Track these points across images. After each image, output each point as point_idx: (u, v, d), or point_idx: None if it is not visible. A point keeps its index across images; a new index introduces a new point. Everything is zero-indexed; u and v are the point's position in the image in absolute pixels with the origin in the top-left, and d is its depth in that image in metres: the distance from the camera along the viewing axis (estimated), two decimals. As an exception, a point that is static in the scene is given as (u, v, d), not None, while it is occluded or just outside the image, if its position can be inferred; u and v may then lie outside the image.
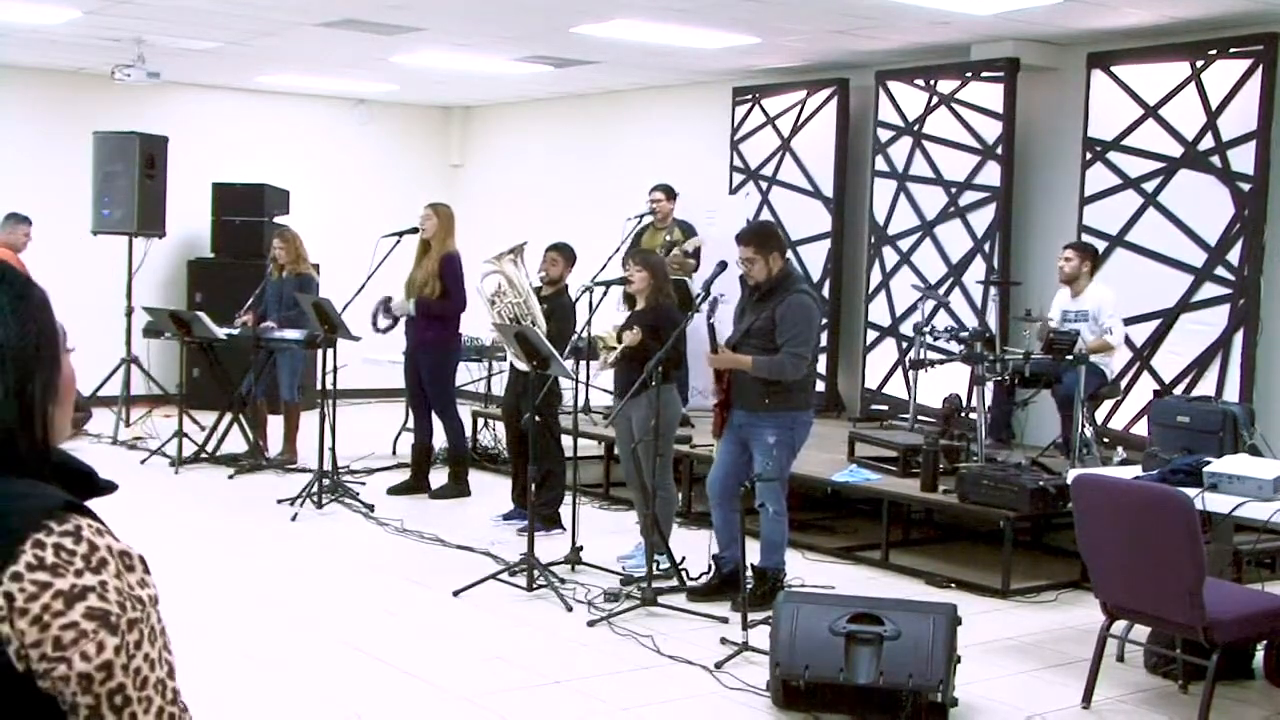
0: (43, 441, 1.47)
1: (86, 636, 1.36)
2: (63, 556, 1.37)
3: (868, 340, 10.41)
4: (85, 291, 11.79)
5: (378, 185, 14.17)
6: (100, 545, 1.40)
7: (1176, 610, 4.82)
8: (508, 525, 8.02)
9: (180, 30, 9.99)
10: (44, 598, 1.36)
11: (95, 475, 1.51)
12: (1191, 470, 5.31)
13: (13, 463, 1.43)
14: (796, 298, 6.24)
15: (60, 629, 1.36)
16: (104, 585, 1.38)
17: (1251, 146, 8.16)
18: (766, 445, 6.26)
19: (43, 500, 1.40)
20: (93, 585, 1.38)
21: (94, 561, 1.39)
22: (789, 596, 5.27)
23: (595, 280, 7.54)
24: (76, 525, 1.40)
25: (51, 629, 1.35)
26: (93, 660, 1.36)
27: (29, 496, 1.40)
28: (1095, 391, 8.03)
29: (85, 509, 1.43)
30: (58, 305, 1.55)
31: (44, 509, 1.39)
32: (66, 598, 1.36)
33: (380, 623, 6.12)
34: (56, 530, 1.38)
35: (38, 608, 1.35)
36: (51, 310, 1.51)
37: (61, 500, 1.41)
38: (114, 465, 9.62)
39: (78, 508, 1.42)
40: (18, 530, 1.37)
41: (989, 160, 9.50)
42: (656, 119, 12.56)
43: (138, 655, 1.40)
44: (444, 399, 8.86)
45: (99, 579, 1.38)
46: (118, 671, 1.38)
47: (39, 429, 1.46)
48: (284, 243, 9.84)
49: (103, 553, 1.40)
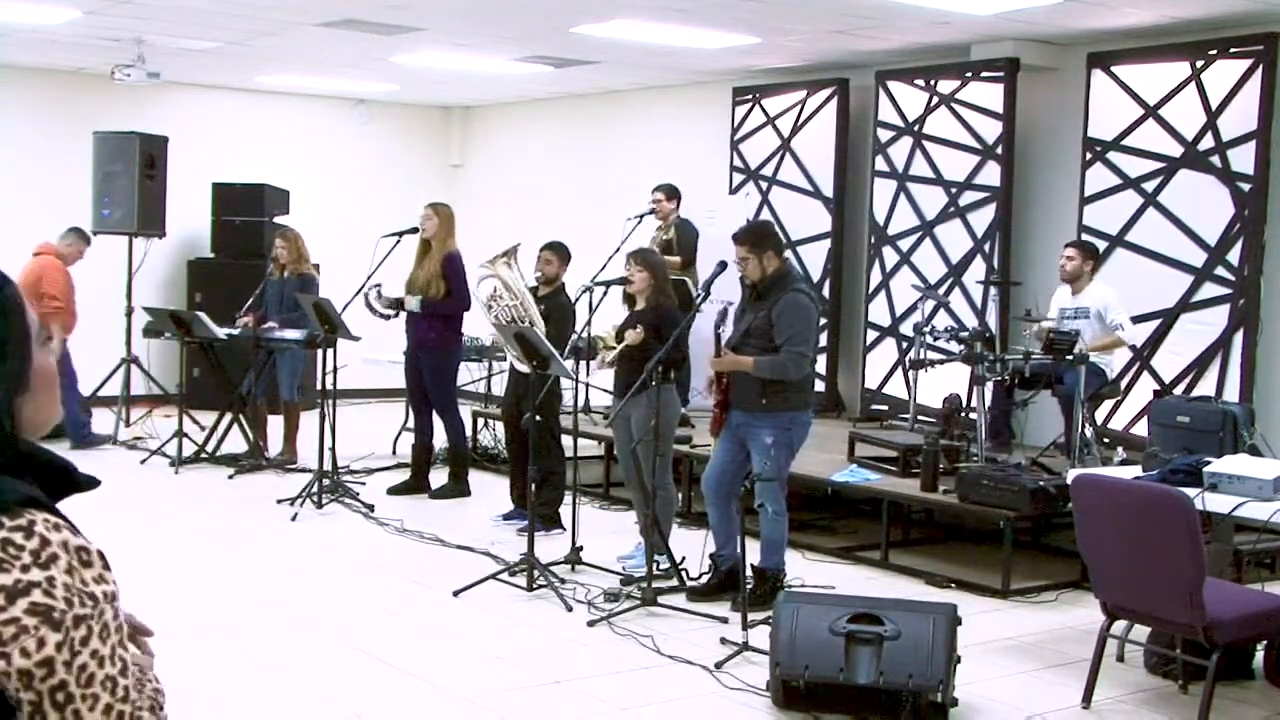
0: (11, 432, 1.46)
1: (27, 632, 1.35)
2: (9, 552, 1.37)
3: (868, 340, 10.41)
4: (85, 291, 11.78)
5: (378, 185, 14.16)
6: (53, 540, 1.39)
7: (1176, 610, 4.82)
8: (507, 525, 8.03)
9: (180, 30, 9.99)
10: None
11: (74, 471, 1.50)
12: (1191, 470, 5.31)
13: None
14: (792, 296, 6.24)
15: (1, 624, 1.35)
16: (51, 581, 1.37)
17: (1251, 146, 8.16)
18: (764, 445, 6.26)
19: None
20: (38, 581, 1.37)
21: (43, 557, 1.38)
22: (789, 596, 5.27)
23: (595, 280, 7.54)
24: (29, 520, 1.39)
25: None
26: (33, 656, 1.35)
27: None
28: (1095, 391, 8.03)
29: (46, 504, 1.42)
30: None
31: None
32: (9, 593, 1.35)
33: (380, 623, 6.12)
34: (7, 525, 1.38)
35: None
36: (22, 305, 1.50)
37: (20, 494, 1.40)
38: (114, 465, 9.64)
39: (35, 502, 1.41)
40: None
41: (989, 160, 9.50)
42: (656, 119, 12.56)
43: (84, 652, 1.38)
44: (446, 399, 8.86)
45: (46, 574, 1.37)
46: (59, 668, 1.37)
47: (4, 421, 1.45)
48: (286, 242, 9.84)
49: (54, 548, 1.39)
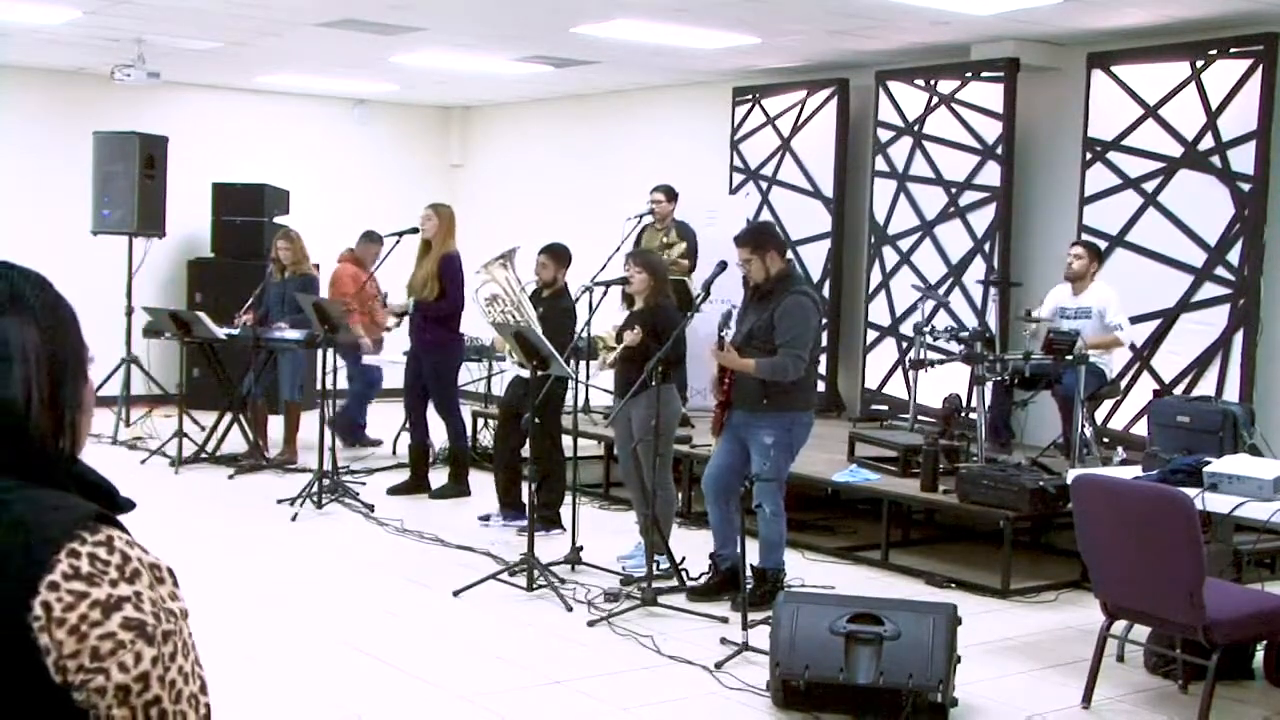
0: (70, 451, 1.46)
1: (124, 647, 1.34)
2: (98, 566, 1.36)
3: (868, 340, 10.41)
4: (85, 291, 11.67)
5: (378, 185, 14.16)
6: (132, 556, 1.39)
7: (1176, 610, 4.82)
8: (487, 526, 7.99)
9: (180, 30, 9.99)
10: (81, 607, 1.33)
11: (116, 493, 1.49)
12: (1191, 470, 5.31)
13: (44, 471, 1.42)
14: (794, 298, 6.25)
15: (98, 639, 1.34)
16: (139, 596, 1.37)
17: (1251, 146, 8.16)
18: (764, 446, 6.26)
19: (75, 511, 1.39)
20: (128, 595, 1.36)
21: (128, 572, 1.37)
22: (789, 596, 5.27)
23: (595, 280, 7.53)
24: (109, 536, 1.38)
25: (89, 639, 1.33)
26: (130, 671, 1.34)
27: (61, 508, 1.39)
28: (1095, 391, 8.04)
29: (115, 520, 1.42)
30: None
31: (77, 519, 1.38)
32: (104, 607, 1.34)
33: (380, 623, 6.12)
34: (90, 540, 1.37)
35: (75, 617, 1.33)
36: (78, 322, 1.50)
37: (93, 511, 1.40)
38: (114, 465, 9.63)
39: (107, 519, 1.41)
40: (54, 540, 1.35)
41: (989, 160, 9.50)
42: (656, 119, 12.56)
43: (173, 668, 1.38)
44: (447, 399, 8.85)
45: (134, 589, 1.37)
46: (154, 683, 1.36)
47: (68, 438, 1.46)
48: (288, 243, 9.83)
49: (135, 564, 1.39)
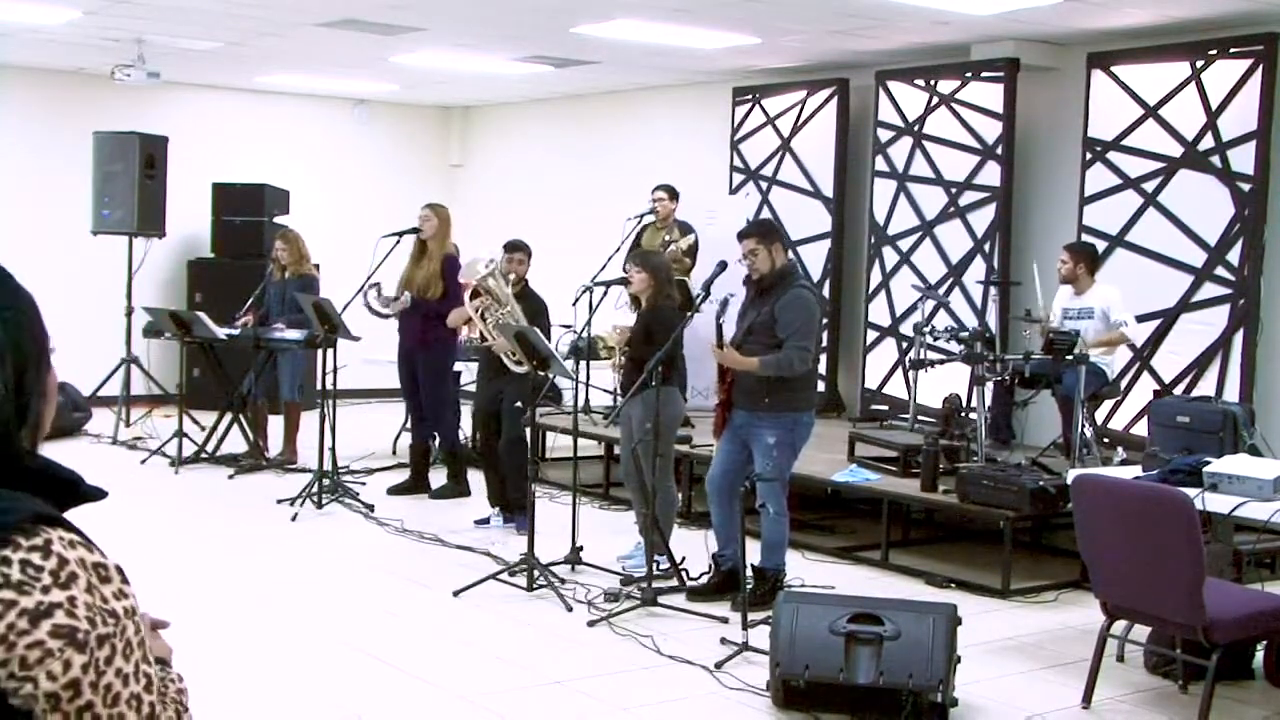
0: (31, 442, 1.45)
1: (53, 655, 1.33)
2: (29, 573, 1.34)
3: (868, 340, 10.41)
4: (85, 291, 11.82)
5: (378, 185, 14.16)
6: (70, 559, 1.37)
7: (1176, 610, 4.82)
8: (487, 528, 7.99)
9: (180, 30, 9.99)
10: (9, 616, 1.32)
11: (81, 482, 1.48)
12: (1191, 470, 5.31)
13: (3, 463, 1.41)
14: (795, 292, 6.25)
15: (25, 648, 1.33)
16: (73, 601, 1.35)
17: (1251, 146, 8.16)
18: (766, 446, 6.26)
19: (12, 515, 1.37)
20: (59, 602, 1.34)
21: (63, 577, 1.36)
22: (789, 596, 5.27)
23: (595, 280, 7.54)
24: (45, 539, 1.37)
25: (17, 648, 1.33)
26: (59, 679, 1.34)
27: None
28: (1095, 391, 8.03)
29: (59, 519, 1.40)
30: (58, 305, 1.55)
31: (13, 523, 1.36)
32: (32, 616, 1.33)
33: (380, 623, 6.12)
34: (24, 545, 1.35)
35: (3, 627, 1.32)
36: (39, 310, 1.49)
37: (30, 512, 1.38)
38: (114, 465, 9.64)
39: (49, 519, 1.39)
40: None
41: (989, 160, 9.50)
42: (656, 119, 12.55)
43: (108, 671, 1.37)
44: (440, 398, 8.85)
45: (67, 595, 1.35)
46: (86, 689, 1.35)
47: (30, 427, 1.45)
48: (287, 244, 9.83)
49: (73, 566, 1.37)
